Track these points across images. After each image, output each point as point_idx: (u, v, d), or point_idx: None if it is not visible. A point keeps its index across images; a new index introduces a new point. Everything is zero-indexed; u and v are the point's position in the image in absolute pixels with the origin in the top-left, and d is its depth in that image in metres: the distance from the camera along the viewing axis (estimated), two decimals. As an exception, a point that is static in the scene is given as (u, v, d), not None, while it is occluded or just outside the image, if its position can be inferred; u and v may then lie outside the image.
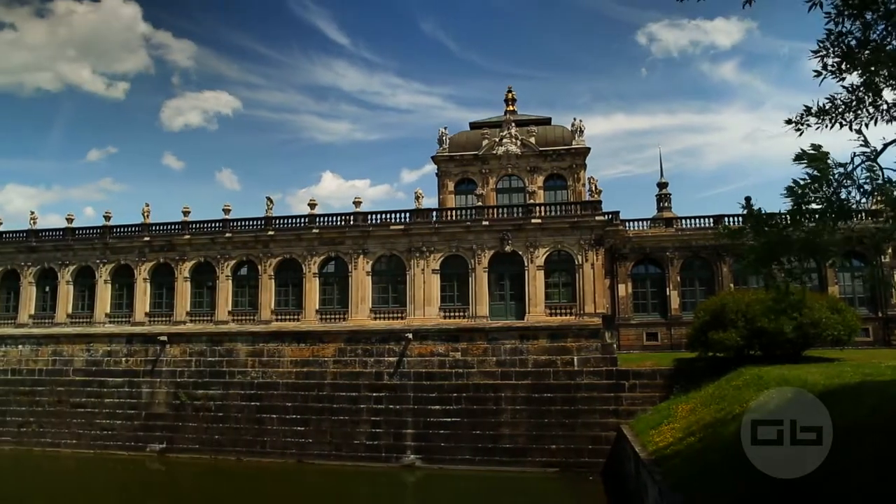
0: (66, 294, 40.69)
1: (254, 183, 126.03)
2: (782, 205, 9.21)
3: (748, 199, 14.34)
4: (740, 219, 36.00)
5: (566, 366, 31.14)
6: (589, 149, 43.87)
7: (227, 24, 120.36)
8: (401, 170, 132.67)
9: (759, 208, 9.99)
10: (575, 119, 44.47)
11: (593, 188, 34.77)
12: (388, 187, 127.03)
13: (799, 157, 8.69)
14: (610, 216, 36.79)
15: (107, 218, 40.88)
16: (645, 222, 40.84)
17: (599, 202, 34.22)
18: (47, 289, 41.67)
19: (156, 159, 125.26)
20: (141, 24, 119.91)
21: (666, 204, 66.78)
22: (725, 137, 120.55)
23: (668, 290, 38.31)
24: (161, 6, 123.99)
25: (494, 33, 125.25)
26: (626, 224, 39.55)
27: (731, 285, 36.09)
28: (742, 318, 26.50)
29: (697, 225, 39.24)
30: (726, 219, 37.81)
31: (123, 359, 37.36)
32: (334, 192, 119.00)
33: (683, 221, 40.29)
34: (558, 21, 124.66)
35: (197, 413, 34.94)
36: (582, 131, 44.16)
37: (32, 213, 43.02)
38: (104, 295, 39.85)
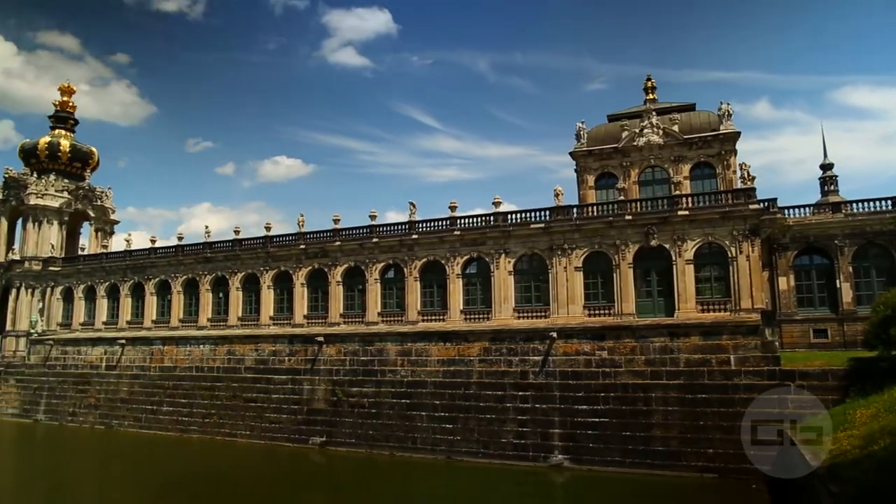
0: (236, 299, 45.07)
1: (386, 215, 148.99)
2: None
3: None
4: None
5: (722, 365, 29.34)
6: (739, 133, 41.01)
7: (355, 120, 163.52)
8: (504, 198, 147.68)
9: None
10: (722, 103, 41.74)
11: (745, 175, 32.35)
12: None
13: None
14: (766, 204, 34.24)
15: (267, 229, 44.67)
16: (807, 209, 37.53)
17: (753, 189, 31.83)
18: (221, 294, 46.47)
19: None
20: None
21: (832, 188, 60.68)
22: (792, 156, 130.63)
23: (838, 281, 34.94)
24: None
25: (534, 109, 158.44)
26: (785, 211, 36.56)
27: (917, 275, 32.14)
28: (932, 312, 23.50)
29: (873, 208, 35.31)
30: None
31: (286, 358, 40.61)
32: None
33: (854, 205, 36.45)
34: (587, 93, 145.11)
35: (352, 409, 37.12)
36: (730, 115, 41.38)
37: (206, 227, 48.10)
38: (267, 299, 43.67)
